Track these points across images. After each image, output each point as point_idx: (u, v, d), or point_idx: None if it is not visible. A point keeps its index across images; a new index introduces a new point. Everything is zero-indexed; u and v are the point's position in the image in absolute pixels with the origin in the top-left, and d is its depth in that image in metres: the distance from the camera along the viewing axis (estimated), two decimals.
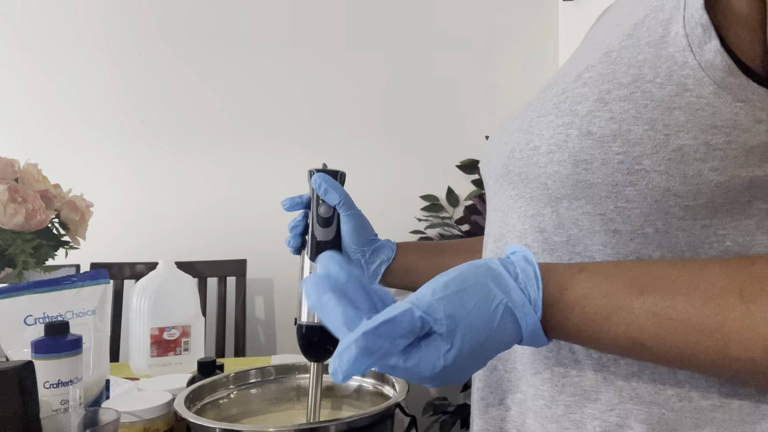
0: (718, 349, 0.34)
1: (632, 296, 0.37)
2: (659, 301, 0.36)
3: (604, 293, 0.37)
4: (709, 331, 0.34)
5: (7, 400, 0.58)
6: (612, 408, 0.42)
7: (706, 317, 0.34)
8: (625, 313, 0.36)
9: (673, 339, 0.35)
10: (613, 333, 0.37)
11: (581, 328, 0.38)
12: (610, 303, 0.37)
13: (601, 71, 0.42)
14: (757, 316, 0.33)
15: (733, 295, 0.34)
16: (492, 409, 0.50)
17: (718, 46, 0.37)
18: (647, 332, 0.36)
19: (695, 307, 0.35)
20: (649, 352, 0.37)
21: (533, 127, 0.46)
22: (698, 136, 0.38)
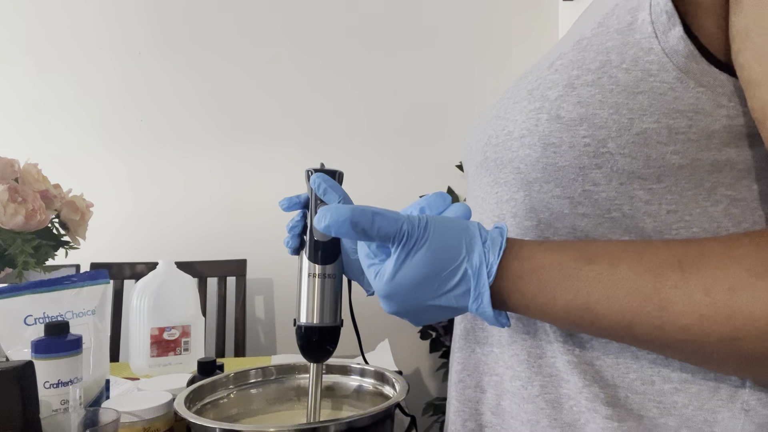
0: (656, 315, 0.35)
1: (581, 264, 0.38)
2: (605, 269, 0.37)
3: (558, 262, 0.39)
4: (647, 297, 0.36)
5: (7, 400, 0.58)
6: (580, 391, 0.44)
7: (645, 283, 0.36)
8: (575, 281, 0.38)
9: (616, 305, 0.37)
10: (564, 300, 0.39)
11: (536, 295, 0.40)
12: (563, 271, 0.39)
13: (571, 58, 0.43)
14: (691, 285, 0.34)
15: (672, 266, 0.36)
16: (468, 391, 0.52)
17: (681, 32, 0.38)
18: (593, 297, 0.38)
19: (636, 273, 0.36)
20: (597, 321, 0.38)
21: (508, 113, 0.47)
22: (661, 120, 0.39)
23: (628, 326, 0.37)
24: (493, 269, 0.40)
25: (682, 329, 0.35)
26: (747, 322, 0.33)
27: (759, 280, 0.33)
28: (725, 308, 0.33)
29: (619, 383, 0.43)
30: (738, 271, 0.34)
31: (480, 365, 0.51)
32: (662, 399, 0.41)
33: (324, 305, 0.63)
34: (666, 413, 0.41)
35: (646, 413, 0.42)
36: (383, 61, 2.05)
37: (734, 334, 0.33)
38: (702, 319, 0.34)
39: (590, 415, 0.43)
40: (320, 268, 0.63)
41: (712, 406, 0.41)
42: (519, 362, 0.47)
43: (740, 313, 0.33)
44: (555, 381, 0.45)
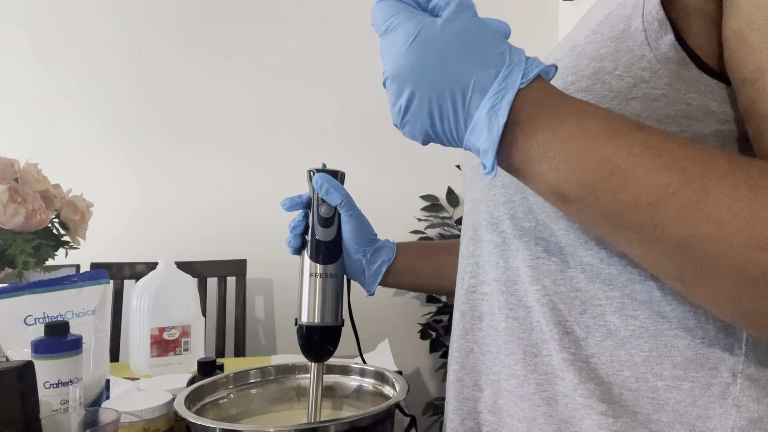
0: (695, 199, 0.32)
1: (632, 125, 0.35)
2: (654, 137, 0.34)
3: (605, 114, 0.36)
4: (693, 176, 0.32)
5: (7, 400, 0.58)
6: (575, 388, 0.44)
7: (694, 164, 0.33)
8: (621, 137, 0.34)
9: (656, 175, 0.33)
10: (599, 155, 0.34)
11: (567, 138, 0.35)
12: (609, 122, 0.35)
13: (566, 64, 0.44)
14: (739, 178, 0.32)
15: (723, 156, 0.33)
16: (466, 390, 0.52)
17: (672, 40, 0.39)
18: (634, 160, 0.33)
19: (686, 152, 0.33)
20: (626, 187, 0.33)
21: None
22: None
23: (655, 204, 0.33)
24: (532, 74, 0.36)
25: (714, 222, 0.31)
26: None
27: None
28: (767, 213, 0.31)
29: (614, 380, 0.43)
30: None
31: (477, 364, 0.52)
32: (656, 395, 0.42)
33: (325, 305, 0.63)
34: (660, 409, 0.42)
35: (640, 409, 0.42)
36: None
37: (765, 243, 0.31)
38: (740, 218, 0.31)
39: (585, 411, 0.43)
40: (322, 267, 0.64)
41: (705, 402, 0.41)
42: (515, 361, 0.48)
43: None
44: (550, 379, 0.46)
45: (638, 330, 0.43)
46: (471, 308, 0.54)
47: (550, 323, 0.46)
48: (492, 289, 0.51)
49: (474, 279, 0.53)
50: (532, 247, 0.46)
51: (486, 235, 0.51)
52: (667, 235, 0.33)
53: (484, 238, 0.52)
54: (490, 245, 0.51)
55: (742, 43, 0.37)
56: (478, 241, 0.52)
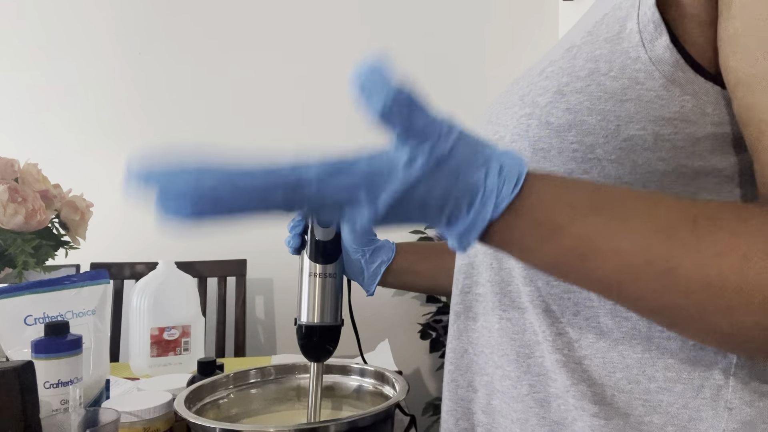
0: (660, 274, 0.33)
1: (590, 210, 0.35)
2: (614, 218, 0.34)
3: (567, 201, 0.35)
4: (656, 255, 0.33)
5: (7, 400, 0.58)
6: (568, 389, 0.44)
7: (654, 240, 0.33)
8: (580, 224, 0.34)
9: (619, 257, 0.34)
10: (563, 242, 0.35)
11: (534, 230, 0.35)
12: (570, 212, 0.35)
13: (561, 65, 0.44)
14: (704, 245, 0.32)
15: (686, 225, 0.33)
16: (460, 391, 0.52)
17: (668, 42, 0.39)
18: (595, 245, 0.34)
19: (647, 229, 0.33)
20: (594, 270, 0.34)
21: (500, 118, 0.48)
22: (647, 127, 0.40)
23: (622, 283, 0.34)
24: (502, 206, 0.34)
25: (683, 294, 0.33)
26: (753, 294, 0.31)
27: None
28: (735, 277, 0.31)
29: (606, 382, 0.43)
30: (751, 239, 0.32)
31: (472, 365, 0.52)
32: (648, 397, 0.42)
33: (325, 305, 0.63)
34: (652, 411, 0.42)
35: (632, 411, 0.42)
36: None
37: (735, 303, 0.32)
38: (707, 286, 0.32)
39: (577, 413, 0.43)
40: (321, 267, 0.64)
41: (697, 405, 0.41)
42: (509, 362, 0.48)
43: (748, 284, 0.31)
44: (543, 380, 0.46)
45: (631, 332, 0.43)
46: (465, 309, 0.54)
47: (543, 324, 0.46)
48: (486, 290, 0.51)
49: (468, 280, 0.54)
50: None
51: None
52: (639, 305, 0.36)
53: None
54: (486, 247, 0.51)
55: (736, 47, 0.37)
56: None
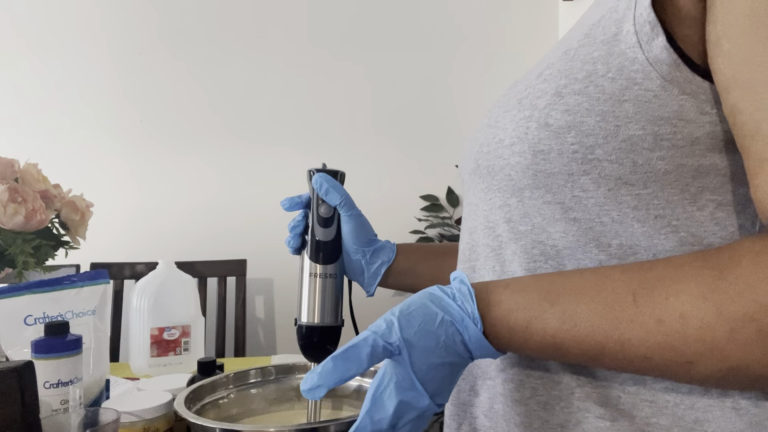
0: (618, 349, 0.38)
1: (545, 306, 0.40)
2: (566, 309, 0.40)
3: (523, 306, 0.41)
4: (607, 334, 0.38)
5: (7, 400, 0.58)
6: (572, 391, 0.44)
7: (603, 321, 0.38)
8: (540, 323, 0.40)
9: (581, 342, 0.39)
10: (535, 340, 0.41)
11: (511, 339, 0.42)
12: (528, 314, 0.41)
13: (559, 68, 0.45)
14: (646, 317, 0.36)
15: (627, 300, 0.37)
16: (463, 395, 0.53)
17: (664, 42, 0.39)
18: (560, 338, 0.40)
19: (595, 312, 0.38)
20: (568, 354, 0.40)
21: (499, 121, 0.49)
22: (646, 127, 0.40)
23: (595, 358, 0.39)
24: (476, 316, 0.42)
25: (643, 358, 0.37)
26: (699, 346, 0.35)
27: (706, 303, 0.35)
28: (679, 336, 0.35)
29: (612, 383, 0.43)
30: (687, 297, 0.35)
31: (474, 369, 0.52)
32: (654, 398, 0.42)
33: (325, 305, 0.63)
34: (658, 412, 0.42)
35: (639, 413, 0.42)
36: (384, 61, 2.05)
37: (690, 358, 0.35)
38: (659, 349, 0.36)
39: (582, 415, 0.43)
40: (321, 267, 0.64)
41: (704, 406, 0.41)
42: (511, 365, 0.48)
43: (691, 339, 0.35)
44: (546, 383, 0.46)
45: None
46: None
47: None
48: None
49: None
50: (528, 251, 0.46)
51: (482, 239, 0.51)
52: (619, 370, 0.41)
53: (480, 243, 0.51)
54: (486, 249, 0.51)
55: (718, 50, 0.37)
56: (475, 246, 0.52)
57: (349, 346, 0.42)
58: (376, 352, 0.42)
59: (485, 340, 0.42)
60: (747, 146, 0.37)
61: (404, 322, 0.42)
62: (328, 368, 0.42)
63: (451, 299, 0.43)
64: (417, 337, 0.42)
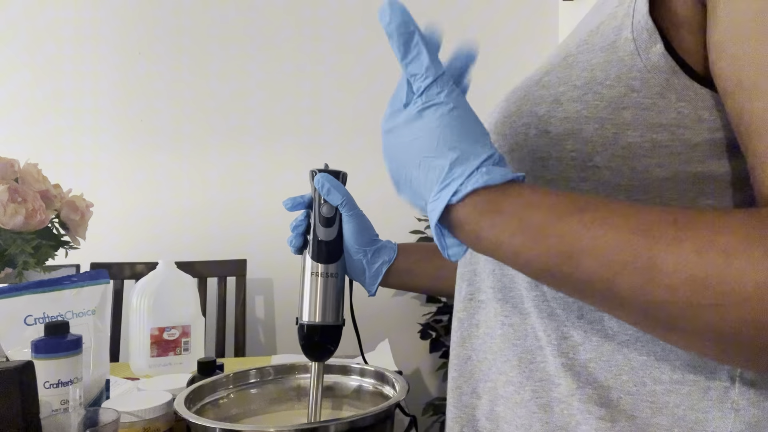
0: (644, 271, 0.33)
1: (573, 210, 0.36)
2: (598, 218, 0.35)
3: (547, 204, 0.37)
4: (638, 252, 0.33)
5: (7, 400, 0.58)
6: (573, 393, 0.44)
7: (637, 238, 0.34)
8: (563, 225, 0.35)
9: (603, 256, 0.34)
10: (546, 244, 0.36)
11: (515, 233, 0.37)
12: (551, 213, 0.36)
13: (558, 75, 0.44)
14: (686, 244, 0.33)
15: (667, 222, 0.34)
16: (465, 398, 0.53)
17: (662, 49, 0.39)
18: (580, 245, 0.35)
19: (629, 227, 0.34)
20: (577, 269, 0.35)
21: (498, 128, 0.49)
22: (645, 134, 0.40)
23: (610, 280, 0.34)
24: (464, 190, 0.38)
25: (668, 289, 0.33)
26: (737, 288, 0.31)
27: (755, 246, 0.31)
28: (718, 272, 0.31)
29: (612, 384, 0.43)
30: (733, 237, 0.32)
31: (475, 372, 0.52)
32: (654, 399, 0.42)
33: (326, 304, 0.63)
34: (658, 413, 0.42)
35: (639, 413, 0.42)
36: (384, 60, 2.05)
37: (721, 299, 0.31)
38: (691, 281, 0.32)
39: (582, 416, 0.43)
40: (323, 267, 0.64)
41: (704, 406, 0.41)
42: (511, 368, 0.48)
43: (731, 278, 0.31)
44: (546, 385, 0.46)
45: (636, 334, 0.43)
46: (468, 316, 0.54)
47: (548, 329, 0.46)
48: (488, 297, 0.51)
49: (471, 287, 0.54)
50: None
51: None
52: (627, 304, 0.35)
53: None
54: None
55: (722, 54, 0.37)
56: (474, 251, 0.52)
57: None
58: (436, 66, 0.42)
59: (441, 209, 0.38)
60: (755, 146, 0.36)
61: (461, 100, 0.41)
62: None
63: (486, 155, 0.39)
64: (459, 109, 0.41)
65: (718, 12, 0.37)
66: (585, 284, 0.36)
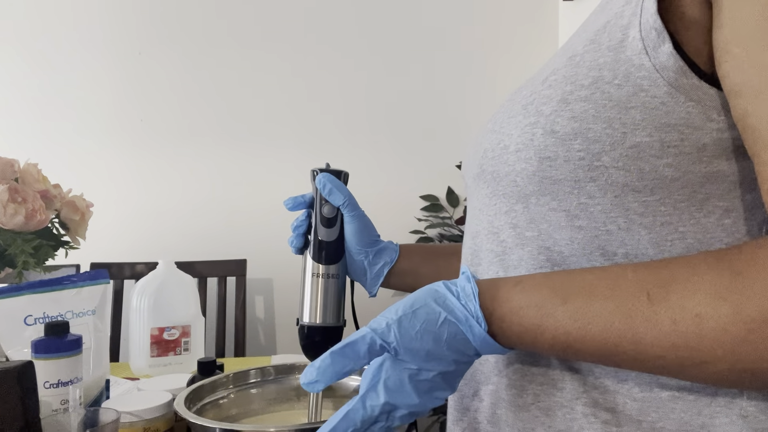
0: (633, 348, 0.37)
1: (557, 304, 0.40)
2: (580, 307, 0.39)
3: (534, 304, 0.41)
4: (621, 333, 0.37)
5: (7, 400, 0.58)
6: (578, 397, 0.44)
7: (617, 320, 0.37)
8: (553, 321, 0.40)
9: (594, 341, 0.38)
10: (546, 339, 0.40)
11: (521, 336, 0.42)
12: (540, 312, 0.40)
13: (565, 74, 0.44)
14: (660, 317, 0.36)
15: (641, 300, 0.37)
16: (466, 401, 0.53)
17: (670, 48, 0.39)
18: (572, 336, 0.39)
19: (608, 311, 0.38)
20: (580, 353, 0.40)
21: (504, 127, 0.49)
22: (653, 134, 0.40)
23: (608, 357, 0.39)
24: (480, 315, 0.42)
25: (657, 358, 0.36)
26: (715, 346, 0.34)
27: (723, 303, 0.34)
28: (694, 336, 0.35)
29: (618, 389, 0.43)
30: (703, 297, 0.35)
31: (477, 375, 0.52)
32: (660, 405, 0.42)
33: (327, 305, 0.63)
34: (665, 417, 0.42)
35: (645, 418, 0.42)
36: (384, 61, 2.05)
37: (705, 358, 0.35)
38: (674, 348, 0.36)
39: (587, 420, 0.43)
40: (324, 268, 0.63)
41: (710, 412, 0.41)
42: (514, 371, 0.48)
43: (707, 339, 0.35)
44: (548, 389, 0.46)
45: None
46: None
47: None
48: None
49: None
50: (535, 257, 0.46)
51: (485, 244, 0.51)
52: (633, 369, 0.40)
53: (483, 247, 0.51)
54: (490, 255, 0.50)
55: (727, 55, 0.37)
56: (478, 250, 0.52)
57: (347, 342, 0.42)
58: (374, 350, 0.42)
59: (490, 338, 0.42)
60: (759, 151, 0.36)
61: (406, 322, 0.42)
62: (326, 363, 0.42)
63: (455, 297, 0.43)
64: (417, 339, 0.42)
65: (723, 14, 0.37)
66: (593, 361, 0.41)
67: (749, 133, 0.37)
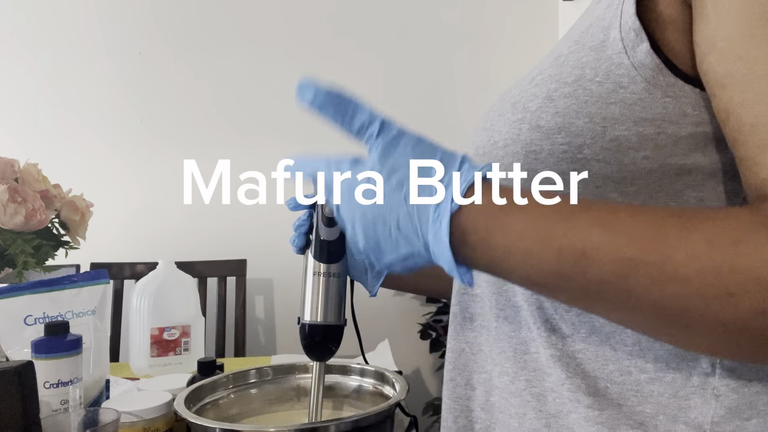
0: (658, 265, 0.33)
1: (579, 207, 0.36)
2: (605, 214, 0.36)
3: (554, 206, 0.37)
4: (650, 246, 0.34)
5: (7, 400, 0.58)
6: (563, 383, 0.46)
7: (647, 231, 0.34)
8: (573, 222, 0.36)
9: (616, 252, 0.34)
10: (558, 244, 0.35)
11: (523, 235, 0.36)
12: (558, 211, 0.36)
13: (550, 73, 0.47)
14: (695, 235, 0.33)
15: (674, 215, 0.35)
16: (459, 389, 0.54)
17: (648, 48, 0.42)
18: (592, 242, 0.35)
19: (638, 221, 0.35)
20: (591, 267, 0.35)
21: (494, 125, 0.51)
22: (631, 128, 0.42)
23: (624, 276, 0.34)
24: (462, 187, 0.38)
25: (681, 282, 0.33)
26: (749, 276, 0.32)
27: (761, 233, 0.32)
28: (729, 262, 0.32)
29: (599, 374, 0.45)
30: (739, 224, 0.33)
31: (469, 364, 0.54)
32: (639, 388, 0.44)
33: (328, 304, 0.63)
34: (643, 401, 0.44)
35: (625, 402, 0.44)
36: (383, 60, 2.05)
37: (734, 288, 0.32)
38: (703, 272, 0.32)
39: (572, 405, 0.45)
40: (325, 266, 0.64)
41: (686, 393, 0.43)
42: (506, 359, 0.50)
43: (742, 268, 0.32)
44: (539, 375, 0.48)
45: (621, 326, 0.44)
46: (462, 309, 0.56)
47: (538, 321, 0.48)
48: (483, 291, 0.53)
49: None
50: None
51: None
52: (642, 301, 0.35)
53: None
54: None
55: (711, 49, 0.39)
56: None
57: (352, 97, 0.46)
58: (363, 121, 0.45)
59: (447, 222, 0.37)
60: (745, 138, 0.37)
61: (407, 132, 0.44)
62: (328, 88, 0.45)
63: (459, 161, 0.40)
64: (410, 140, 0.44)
65: (707, 10, 0.39)
66: (597, 285, 0.35)
67: (734, 121, 0.38)
